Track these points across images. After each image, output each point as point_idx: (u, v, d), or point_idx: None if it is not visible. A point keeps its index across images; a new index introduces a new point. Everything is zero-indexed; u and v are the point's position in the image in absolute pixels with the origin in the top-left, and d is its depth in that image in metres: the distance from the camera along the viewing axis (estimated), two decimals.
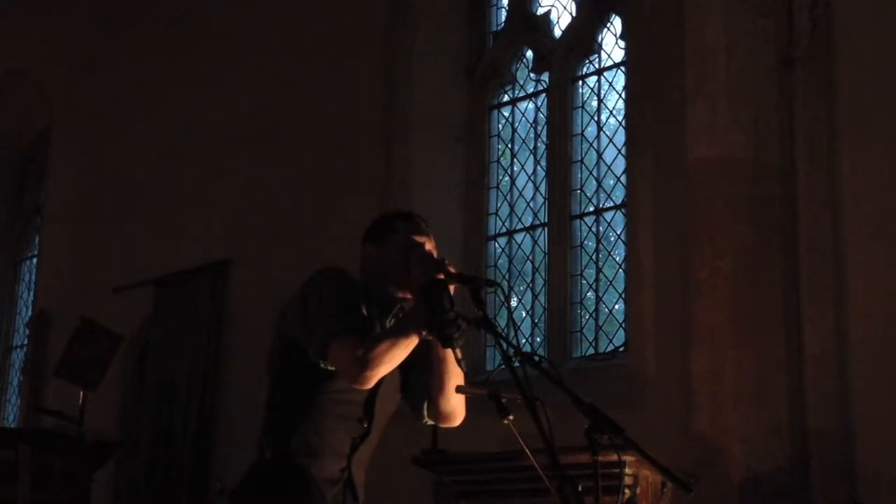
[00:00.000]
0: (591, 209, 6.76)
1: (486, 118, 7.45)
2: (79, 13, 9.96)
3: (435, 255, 3.07)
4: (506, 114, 7.44)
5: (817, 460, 5.08)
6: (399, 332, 2.89)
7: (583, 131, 6.93)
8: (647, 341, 5.91)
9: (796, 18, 5.46)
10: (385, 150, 7.34)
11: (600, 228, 6.70)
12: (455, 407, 3.10)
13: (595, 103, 6.95)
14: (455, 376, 3.01)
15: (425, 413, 3.14)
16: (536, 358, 2.75)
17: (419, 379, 3.10)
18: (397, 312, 3.09)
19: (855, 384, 5.11)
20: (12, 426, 10.11)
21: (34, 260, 10.69)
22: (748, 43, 5.49)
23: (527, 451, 2.70)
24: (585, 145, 6.91)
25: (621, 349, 6.31)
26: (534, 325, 6.94)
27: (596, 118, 6.91)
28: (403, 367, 3.13)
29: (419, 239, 3.08)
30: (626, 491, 4.53)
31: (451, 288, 2.92)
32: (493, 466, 4.97)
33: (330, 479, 2.97)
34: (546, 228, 6.95)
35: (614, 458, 2.67)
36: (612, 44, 6.90)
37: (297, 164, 7.83)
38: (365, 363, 2.84)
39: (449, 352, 2.94)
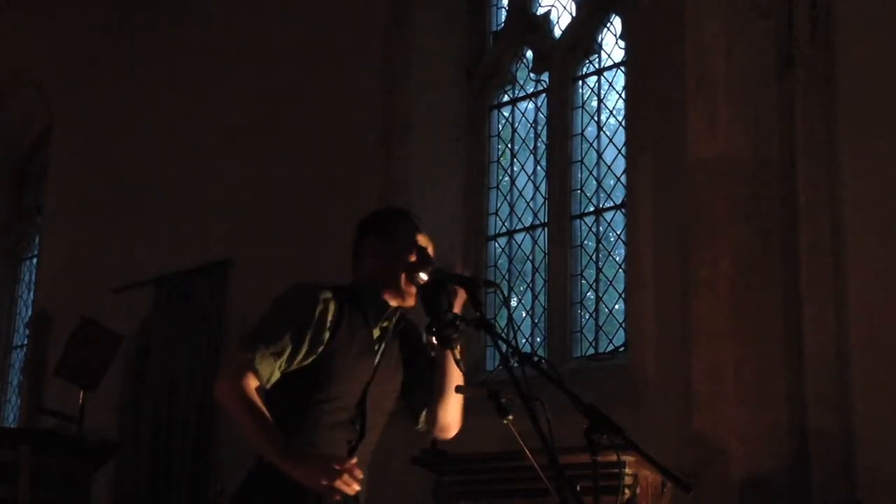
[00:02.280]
0: (591, 209, 6.75)
1: (486, 118, 7.45)
2: (79, 14, 9.95)
3: (431, 254, 3.07)
4: (506, 114, 7.44)
5: (817, 460, 5.08)
6: (255, 426, 2.83)
7: (583, 131, 6.93)
8: (647, 341, 5.91)
9: (796, 18, 5.46)
10: (385, 150, 7.34)
11: (600, 228, 6.70)
12: (452, 420, 3.12)
13: (595, 103, 6.95)
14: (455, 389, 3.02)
15: (422, 420, 3.15)
16: (535, 358, 2.75)
17: (422, 385, 3.10)
18: (390, 315, 3.05)
19: (855, 384, 5.11)
20: (12, 426, 10.10)
21: (34, 260, 10.69)
22: (748, 43, 5.49)
23: (526, 451, 2.69)
24: (585, 145, 6.91)
25: (621, 349, 6.31)
26: (534, 325, 6.93)
27: (596, 118, 6.91)
28: (407, 370, 3.12)
29: (419, 239, 3.06)
30: (626, 491, 4.54)
31: (460, 291, 2.92)
32: (493, 466, 4.97)
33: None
34: (546, 228, 6.95)
35: (614, 458, 2.67)
36: (612, 44, 6.91)
37: (297, 164, 7.82)
38: (226, 389, 2.84)
39: (451, 362, 2.94)
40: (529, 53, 7.35)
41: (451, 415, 3.10)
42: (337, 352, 2.96)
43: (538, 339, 6.89)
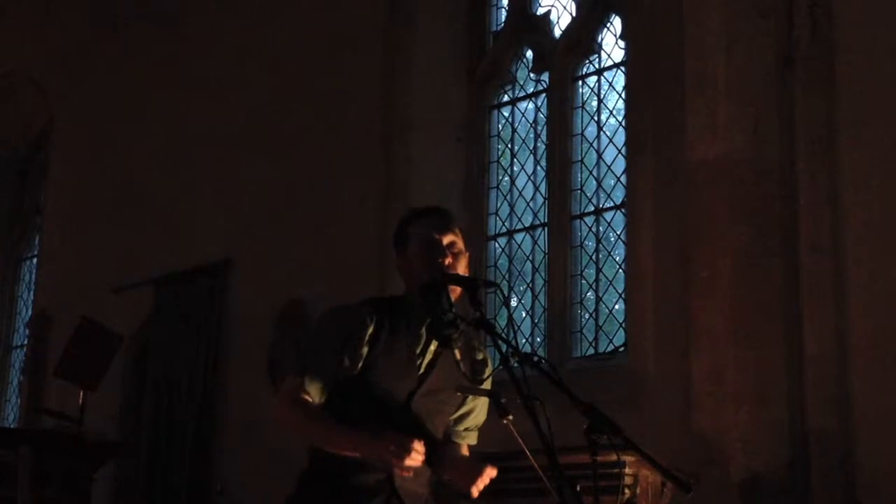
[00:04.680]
0: (591, 209, 6.75)
1: (486, 118, 7.44)
2: (79, 13, 9.95)
3: (457, 247, 3.05)
4: (506, 114, 7.44)
5: (817, 460, 5.08)
6: (322, 432, 2.96)
7: (583, 131, 6.93)
8: (647, 341, 5.91)
9: (796, 18, 5.46)
10: (385, 150, 7.34)
11: (600, 228, 6.70)
12: None
13: (595, 103, 6.95)
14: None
15: None
16: (535, 358, 2.74)
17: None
18: (427, 324, 3.04)
19: (855, 384, 5.11)
20: (12, 426, 10.10)
21: (34, 260, 10.68)
22: (748, 43, 5.49)
23: (526, 451, 2.70)
24: (585, 145, 6.91)
25: (621, 349, 6.31)
26: (534, 325, 6.93)
27: (596, 118, 6.91)
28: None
29: (433, 235, 3.05)
30: (626, 491, 4.54)
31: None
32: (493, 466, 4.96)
33: (368, 489, 2.97)
34: (546, 228, 6.95)
35: (614, 458, 2.67)
36: (612, 44, 6.91)
37: (297, 164, 7.82)
38: (278, 422, 2.99)
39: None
40: (529, 53, 7.35)
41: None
42: (378, 361, 2.97)
43: (538, 339, 6.89)
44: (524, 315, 7.00)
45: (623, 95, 6.69)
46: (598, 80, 6.95)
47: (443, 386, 3.06)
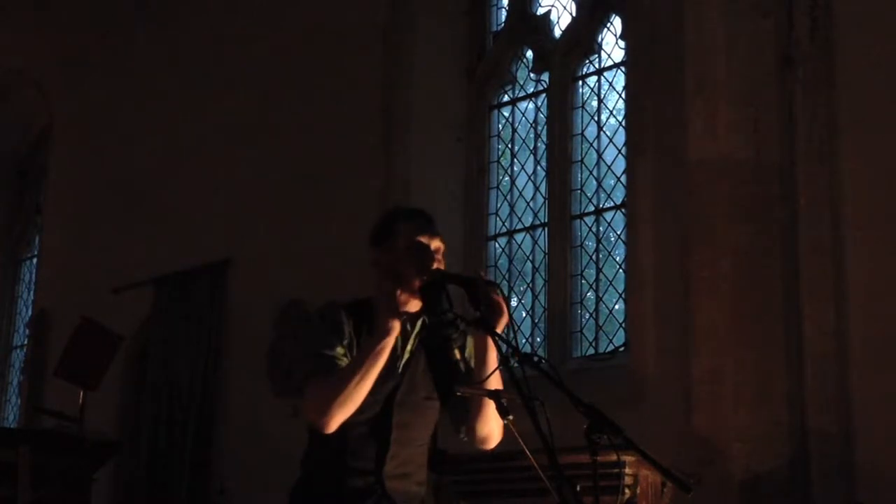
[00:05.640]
0: (591, 209, 6.75)
1: (486, 118, 7.45)
2: (79, 13, 9.95)
3: (441, 253, 3.02)
4: (506, 114, 7.44)
5: (817, 460, 5.08)
6: (357, 373, 2.87)
7: (583, 131, 6.93)
8: (647, 341, 5.91)
9: (796, 18, 5.47)
10: (385, 150, 7.34)
11: (600, 228, 6.70)
12: (490, 432, 3.07)
13: (595, 103, 6.95)
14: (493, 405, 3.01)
15: (463, 432, 3.10)
16: (535, 358, 2.74)
17: (457, 397, 3.04)
18: (404, 323, 3.00)
19: (855, 384, 5.11)
20: (12, 426, 10.10)
21: (34, 260, 10.69)
22: (748, 43, 5.50)
23: (526, 451, 2.69)
24: (585, 145, 6.91)
25: (621, 349, 6.31)
26: (534, 325, 6.93)
27: (596, 118, 6.91)
28: (443, 381, 3.06)
29: (422, 239, 3.02)
30: (626, 491, 4.54)
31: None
32: (493, 466, 4.97)
33: (359, 492, 2.96)
34: (546, 228, 6.95)
35: (614, 458, 2.67)
36: (612, 44, 6.91)
37: (297, 163, 7.82)
38: (320, 413, 2.88)
39: (492, 380, 2.93)
40: (529, 53, 7.35)
41: (489, 427, 3.05)
42: None
43: (538, 340, 6.89)
44: (524, 315, 7.00)
45: (623, 95, 6.69)
46: (598, 80, 6.95)
47: (421, 387, 3.04)
